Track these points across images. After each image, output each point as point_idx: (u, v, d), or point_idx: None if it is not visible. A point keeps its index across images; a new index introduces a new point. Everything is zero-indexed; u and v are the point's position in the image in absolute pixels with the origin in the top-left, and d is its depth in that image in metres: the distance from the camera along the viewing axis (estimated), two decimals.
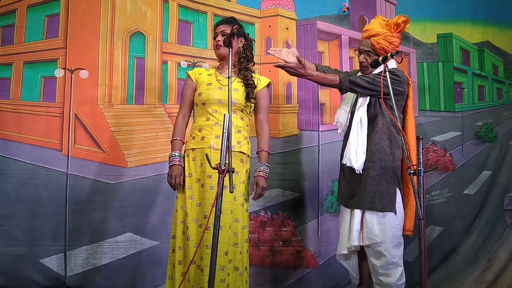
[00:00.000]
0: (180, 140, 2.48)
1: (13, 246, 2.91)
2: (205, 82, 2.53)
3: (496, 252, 3.80)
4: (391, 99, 2.27)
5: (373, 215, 2.51)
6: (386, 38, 2.57)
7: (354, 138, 2.56)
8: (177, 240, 2.38)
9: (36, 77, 3.07)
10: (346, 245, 2.58)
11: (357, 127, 2.57)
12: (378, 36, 2.57)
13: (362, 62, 2.65)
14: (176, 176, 2.40)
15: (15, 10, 3.07)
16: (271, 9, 3.57)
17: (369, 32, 2.61)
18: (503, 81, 4.24)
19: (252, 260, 3.28)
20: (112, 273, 3.02)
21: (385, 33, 2.57)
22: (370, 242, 2.49)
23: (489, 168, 3.99)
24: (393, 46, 2.59)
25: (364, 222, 2.52)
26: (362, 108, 2.58)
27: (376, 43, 2.57)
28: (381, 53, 2.57)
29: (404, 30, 2.62)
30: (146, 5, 3.25)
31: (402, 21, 2.57)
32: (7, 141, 2.98)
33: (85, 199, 3.04)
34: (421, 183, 2.02)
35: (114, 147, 3.11)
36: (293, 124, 3.55)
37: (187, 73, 2.61)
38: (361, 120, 2.56)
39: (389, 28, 2.59)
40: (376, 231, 2.48)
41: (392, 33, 2.58)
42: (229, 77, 2.20)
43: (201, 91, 2.50)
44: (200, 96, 2.49)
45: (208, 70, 2.61)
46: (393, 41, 2.58)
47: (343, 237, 2.61)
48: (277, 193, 3.42)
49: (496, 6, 4.08)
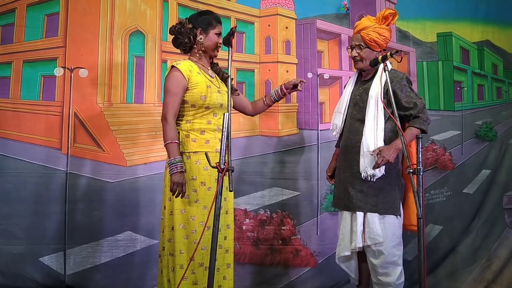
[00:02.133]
0: (176, 143, 2.31)
1: (13, 245, 2.91)
2: (203, 83, 2.40)
3: (496, 251, 3.81)
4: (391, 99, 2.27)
5: (375, 215, 2.51)
6: (375, 29, 2.58)
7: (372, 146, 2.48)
8: (178, 244, 2.32)
9: (35, 76, 3.07)
10: (348, 247, 2.57)
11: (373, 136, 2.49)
12: (367, 28, 2.58)
13: (355, 56, 2.64)
14: (184, 184, 2.26)
15: (14, 9, 3.07)
16: (271, 8, 3.57)
17: (358, 27, 2.63)
18: (502, 80, 4.24)
19: (252, 258, 3.30)
20: (111, 271, 3.02)
21: (373, 25, 2.59)
22: (372, 242, 2.49)
23: (488, 167, 3.99)
24: (383, 37, 2.59)
25: (366, 223, 2.52)
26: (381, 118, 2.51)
27: (366, 35, 2.58)
28: (373, 45, 2.58)
29: (393, 23, 2.64)
30: (146, 4, 3.25)
31: (389, 13, 2.59)
32: (6, 140, 2.98)
33: (85, 197, 3.04)
34: (421, 182, 2.03)
35: (114, 146, 3.11)
36: (293, 123, 3.55)
37: (177, 67, 2.36)
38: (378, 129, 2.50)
39: (378, 21, 2.61)
40: (379, 231, 2.49)
41: (381, 25, 2.60)
42: (229, 76, 2.21)
43: (203, 93, 2.37)
44: (203, 99, 2.37)
45: (193, 67, 2.42)
46: (382, 32, 2.59)
47: (345, 239, 2.60)
48: (276, 192, 3.43)
49: (496, 5, 4.08)
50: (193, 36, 2.43)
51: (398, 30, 3.90)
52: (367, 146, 2.47)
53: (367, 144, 2.48)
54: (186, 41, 2.44)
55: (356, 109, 2.63)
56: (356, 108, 2.63)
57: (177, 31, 2.45)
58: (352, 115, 2.66)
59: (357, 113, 2.62)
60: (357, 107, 2.64)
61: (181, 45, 2.47)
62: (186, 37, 2.43)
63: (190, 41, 2.44)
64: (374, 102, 2.51)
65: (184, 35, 2.43)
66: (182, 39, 2.44)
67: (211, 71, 2.52)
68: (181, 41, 2.45)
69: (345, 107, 2.71)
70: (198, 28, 2.43)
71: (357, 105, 2.63)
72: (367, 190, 2.52)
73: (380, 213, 2.51)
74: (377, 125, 2.49)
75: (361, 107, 2.59)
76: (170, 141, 2.29)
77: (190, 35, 2.43)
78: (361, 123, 2.56)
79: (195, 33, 2.43)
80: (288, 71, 3.56)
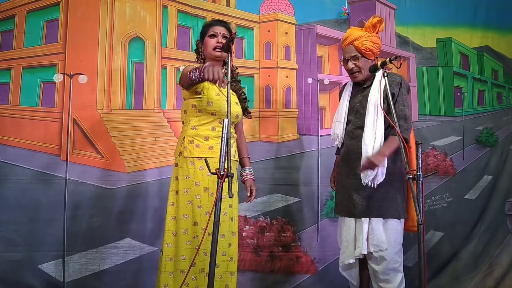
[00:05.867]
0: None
1: (12, 252, 2.89)
2: (213, 90, 2.43)
3: (497, 257, 3.79)
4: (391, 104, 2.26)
5: (379, 221, 2.50)
6: (368, 38, 2.57)
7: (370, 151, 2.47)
8: (180, 249, 2.31)
9: (35, 82, 3.07)
10: (353, 254, 2.54)
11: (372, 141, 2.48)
12: (360, 39, 2.57)
13: (352, 68, 2.61)
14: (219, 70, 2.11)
15: (14, 16, 3.08)
16: (271, 14, 3.58)
17: (350, 38, 2.60)
18: (503, 85, 4.24)
19: (252, 265, 3.28)
20: (110, 279, 3.00)
21: (366, 35, 2.58)
22: (376, 249, 2.48)
23: (490, 172, 3.98)
24: (377, 45, 2.60)
25: (370, 229, 2.51)
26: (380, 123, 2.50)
27: (361, 45, 2.56)
28: (368, 54, 2.58)
29: (381, 29, 2.63)
30: (145, 10, 3.25)
31: (377, 21, 2.59)
32: (5, 146, 2.97)
33: (84, 204, 3.02)
34: (420, 188, 2.02)
35: (113, 152, 3.11)
36: (293, 129, 3.54)
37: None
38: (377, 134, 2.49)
39: (368, 30, 2.60)
40: (383, 238, 2.47)
41: (372, 33, 2.60)
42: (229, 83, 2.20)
43: (211, 99, 2.40)
44: (210, 105, 2.39)
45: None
46: (375, 40, 2.59)
47: (349, 246, 2.57)
48: (276, 198, 3.41)
49: (495, 11, 4.09)
50: (199, 49, 2.57)
51: (398, 35, 3.90)
52: (365, 152, 2.47)
53: (366, 149, 2.47)
54: (197, 56, 2.59)
55: (358, 116, 2.62)
56: (358, 116, 2.62)
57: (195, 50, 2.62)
58: (353, 122, 2.64)
59: (358, 120, 2.61)
60: (358, 114, 2.62)
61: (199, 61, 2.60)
62: (197, 52, 2.59)
63: (198, 55, 2.58)
64: (374, 108, 2.51)
65: (196, 52, 2.60)
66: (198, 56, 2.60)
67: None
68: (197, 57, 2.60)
69: (345, 115, 2.69)
70: (199, 41, 2.57)
71: (358, 113, 2.62)
72: (373, 196, 2.51)
73: (385, 217, 2.49)
74: (376, 130, 2.49)
75: (362, 114, 2.58)
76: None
77: (199, 50, 2.57)
78: (362, 130, 2.55)
79: (199, 46, 2.57)
80: (288, 76, 3.56)
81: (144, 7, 3.25)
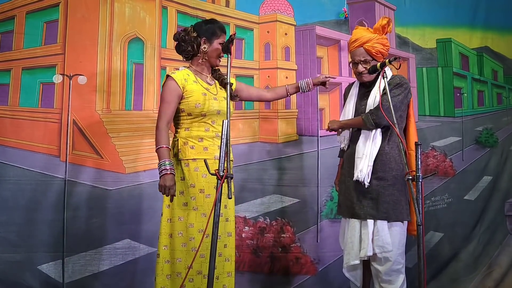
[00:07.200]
0: (167, 147, 2.31)
1: (11, 253, 2.89)
2: (198, 91, 2.39)
3: (497, 258, 3.79)
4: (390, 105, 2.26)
5: (384, 223, 2.50)
6: (379, 41, 2.56)
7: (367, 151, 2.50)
8: (176, 251, 2.31)
9: (34, 83, 3.07)
10: (358, 255, 2.53)
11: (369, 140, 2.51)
12: (371, 41, 2.55)
13: (362, 71, 2.59)
14: (171, 187, 2.24)
15: (14, 17, 3.07)
16: (270, 15, 3.58)
17: (360, 40, 2.56)
18: (503, 86, 4.24)
19: (251, 266, 3.27)
20: (110, 279, 3.00)
21: (376, 37, 2.56)
22: (381, 250, 2.47)
23: (489, 173, 3.98)
24: (387, 47, 2.60)
25: (375, 231, 2.50)
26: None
27: (372, 48, 2.55)
28: (378, 57, 2.57)
29: (390, 30, 2.62)
30: (145, 11, 3.25)
31: (386, 22, 2.57)
32: (5, 147, 2.97)
33: (83, 205, 3.02)
34: (420, 189, 2.01)
35: (112, 153, 3.10)
36: (292, 129, 3.54)
37: (171, 77, 2.38)
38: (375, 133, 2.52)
39: (378, 32, 2.58)
40: (388, 239, 2.47)
41: (382, 35, 2.59)
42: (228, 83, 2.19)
43: (198, 101, 2.37)
44: (198, 107, 2.37)
45: (189, 75, 2.43)
46: (385, 42, 2.59)
47: (354, 247, 2.56)
48: (276, 199, 3.41)
49: (494, 11, 4.09)
50: (196, 44, 2.44)
51: (398, 36, 3.90)
52: (357, 152, 2.51)
53: (358, 150, 2.52)
54: (189, 49, 2.46)
55: None
56: None
57: (181, 38, 2.47)
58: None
59: None
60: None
61: (183, 52, 2.49)
62: (189, 45, 2.45)
63: (193, 50, 2.46)
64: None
65: (188, 43, 2.45)
66: (186, 47, 2.46)
67: (210, 78, 2.51)
68: (184, 48, 2.47)
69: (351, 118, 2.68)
70: (202, 37, 2.44)
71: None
72: (378, 198, 2.51)
73: (390, 220, 2.50)
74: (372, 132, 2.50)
75: None
76: (160, 146, 2.31)
77: (194, 44, 2.44)
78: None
79: (199, 41, 2.44)
80: (288, 77, 3.56)
81: (144, 8, 3.25)
